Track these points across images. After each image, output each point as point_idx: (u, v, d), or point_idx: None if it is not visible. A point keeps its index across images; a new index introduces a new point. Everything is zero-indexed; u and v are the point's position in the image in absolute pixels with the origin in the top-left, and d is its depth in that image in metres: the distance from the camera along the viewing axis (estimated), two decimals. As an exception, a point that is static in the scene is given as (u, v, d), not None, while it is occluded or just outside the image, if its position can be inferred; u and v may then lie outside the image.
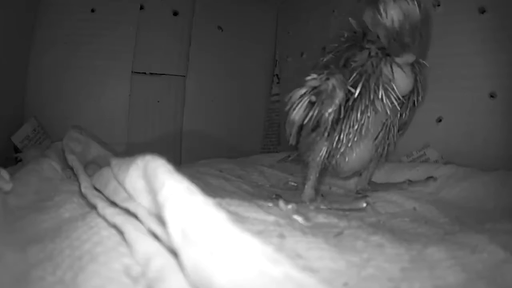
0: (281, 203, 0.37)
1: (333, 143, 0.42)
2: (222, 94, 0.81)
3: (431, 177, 0.47)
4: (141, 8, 0.72)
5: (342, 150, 0.43)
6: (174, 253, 0.20)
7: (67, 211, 0.32)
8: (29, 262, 0.24)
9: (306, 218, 0.35)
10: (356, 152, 0.44)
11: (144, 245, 0.22)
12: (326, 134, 0.41)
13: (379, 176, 0.54)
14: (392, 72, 0.41)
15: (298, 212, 0.36)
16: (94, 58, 0.69)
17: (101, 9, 0.68)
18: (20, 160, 0.56)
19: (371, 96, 0.40)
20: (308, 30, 0.78)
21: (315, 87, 0.40)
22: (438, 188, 0.46)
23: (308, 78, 0.40)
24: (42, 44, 0.65)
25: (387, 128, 0.44)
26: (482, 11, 0.48)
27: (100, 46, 0.69)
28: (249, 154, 0.77)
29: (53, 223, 0.30)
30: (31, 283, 0.22)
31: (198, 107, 0.78)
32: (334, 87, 0.39)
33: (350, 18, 0.44)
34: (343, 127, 0.42)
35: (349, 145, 0.42)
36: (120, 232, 0.25)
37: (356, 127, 0.41)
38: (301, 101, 0.41)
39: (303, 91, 0.41)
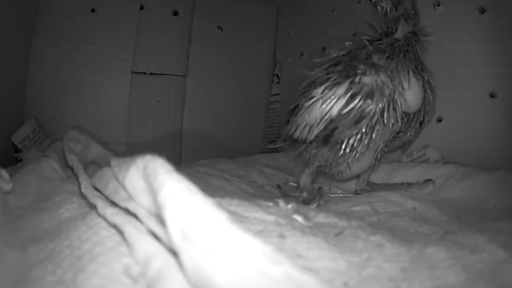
0: (281, 202, 0.37)
1: (345, 153, 0.43)
2: (222, 94, 0.81)
3: (430, 179, 0.47)
4: (141, 8, 0.71)
5: (349, 161, 0.44)
6: (174, 253, 0.20)
7: (67, 211, 0.32)
8: (29, 262, 0.24)
9: (306, 218, 0.35)
10: (359, 162, 0.45)
11: (144, 245, 0.22)
12: (369, 126, 0.42)
13: (380, 176, 0.54)
14: (409, 80, 0.42)
15: (298, 212, 0.36)
16: (94, 58, 0.68)
17: (101, 9, 0.68)
18: (20, 160, 0.56)
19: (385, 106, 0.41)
20: (308, 30, 0.78)
21: (358, 82, 0.41)
22: (438, 188, 0.46)
23: (359, 76, 0.41)
24: (42, 44, 0.65)
25: (388, 140, 0.45)
26: (482, 11, 0.48)
27: (100, 46, 0.69)
28: (249, 154, 0.77)
29: (53, 223, 0.30)
30: (31, 283, 0.22)
31: (198, 107, 0.78)
32: (383, 83, 0.41)
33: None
34: (351, 141, 0.43)
35: (357, 157, 0.43)
36: (120, 232, 0.25)
37: (366, 141, 0.42)
38: (339, 95, 0.41)
39: (346, 86, 0.41)
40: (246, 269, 0.16)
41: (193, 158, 0.72)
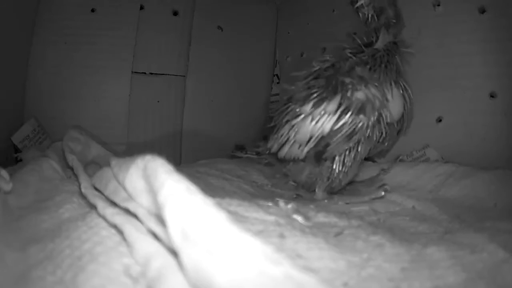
0: (281, 202, 0.37)
1: (337, 169, 0.44)
2: (222, 94, 0.81)
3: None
4: (141, 8, 0.71)
5: (340, 176, 0.45)
6: (174, 253, 0.20)
7: (67, 211, 0.32)
8: (29, 262, 0.24)
9: (306, 218, 0.35)
10: (347, 174, 0.45)
11: (144, 245, 0.22)
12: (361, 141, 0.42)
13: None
14: (392, 91, 0.42)
15: (298, 212, 0.36)
16: (94, 58, 0.68)
17: (101, 9, 0.68)
18: (20, 160, 0.56)
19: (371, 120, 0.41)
20: (308, 30, 0.78)
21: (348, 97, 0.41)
22: (438, 186, 0.46)
23: (350, 91, 0.41)
24: (42, 44, 0.65)
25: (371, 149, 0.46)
26: (482, 11, 0.48)
27: (100, 46, 0.69)
28: (249, 155, 0.77)
29: (53, 223, 0.30)
30: (31, 283, 0.22)
31: (198, 107, 0.78)
32: (374, 96, 0.41)
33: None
34: (341, 157, 0.43)
35: (346, 171, 0.44)
36: (120, 232, 0.25)
37: (353, 154, 0.43)
38: (330, 111, 0.41)
39: (337, 102, 0.41)
40: (246, 269, 0.16)
41: (193, 158, 0.72)
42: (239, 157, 0.62)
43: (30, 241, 0.27)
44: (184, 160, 0.76)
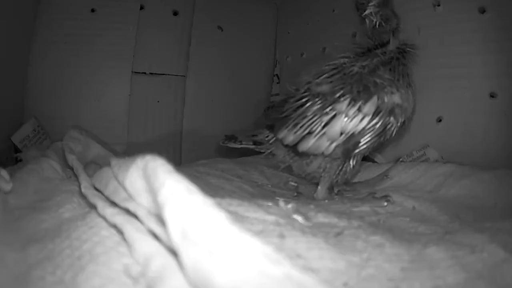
0: (281, 202, 0.37)
1: (351, 165, 0.45)
2: (222, 94, 0.81)
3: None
4: (141, 8, 0.71)
5: (349, 172, 0.46)
6: (174, 253, 0.20)
7: (67, 211, 0.32)
8: (29, 262, 0.24)
9: (306, 218, 0.35)
10: (355, 168, 0.47)
11: (144, 245, 0.22)
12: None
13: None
14: (407, 91, 0.43)
15: (298, 212, 0.36)
16: (94, 58, 0.68)
17: (101, 9, 0.68)
18: (20, 160, 0.56)
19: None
20: (308, 30, 0.78)
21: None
22: (438, 187, 0.46)
23: (387, 94, 0.42)
24: (42, 44, 0.65)
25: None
26: (482, 11, 0.48)
27: (100, 46, 0.69)
28: (249, 154, 0.77)
29: (53, 223, 0.30)
30: (31, 283, 0.22)
31: (198, 107, 0.78)
32: (403, 99, 0.42)
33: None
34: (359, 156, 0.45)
35: (354, 165, 0.45)
36: (120, 232, 0.25)
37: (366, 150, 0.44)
38: (366, 113, 0.42)
39: (374, 104, 0.42)
40: (246, 269, 0.16)
41: (193, 158, 0.72)
42: (232, 147, 0.57)
43: (30, 241, 0.27)
44: (184, 160, 0.76)
